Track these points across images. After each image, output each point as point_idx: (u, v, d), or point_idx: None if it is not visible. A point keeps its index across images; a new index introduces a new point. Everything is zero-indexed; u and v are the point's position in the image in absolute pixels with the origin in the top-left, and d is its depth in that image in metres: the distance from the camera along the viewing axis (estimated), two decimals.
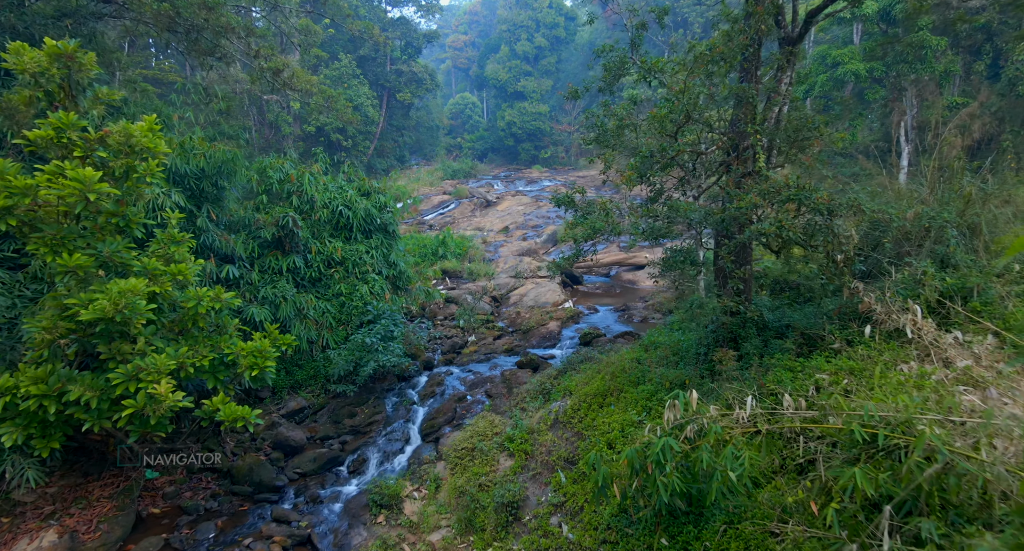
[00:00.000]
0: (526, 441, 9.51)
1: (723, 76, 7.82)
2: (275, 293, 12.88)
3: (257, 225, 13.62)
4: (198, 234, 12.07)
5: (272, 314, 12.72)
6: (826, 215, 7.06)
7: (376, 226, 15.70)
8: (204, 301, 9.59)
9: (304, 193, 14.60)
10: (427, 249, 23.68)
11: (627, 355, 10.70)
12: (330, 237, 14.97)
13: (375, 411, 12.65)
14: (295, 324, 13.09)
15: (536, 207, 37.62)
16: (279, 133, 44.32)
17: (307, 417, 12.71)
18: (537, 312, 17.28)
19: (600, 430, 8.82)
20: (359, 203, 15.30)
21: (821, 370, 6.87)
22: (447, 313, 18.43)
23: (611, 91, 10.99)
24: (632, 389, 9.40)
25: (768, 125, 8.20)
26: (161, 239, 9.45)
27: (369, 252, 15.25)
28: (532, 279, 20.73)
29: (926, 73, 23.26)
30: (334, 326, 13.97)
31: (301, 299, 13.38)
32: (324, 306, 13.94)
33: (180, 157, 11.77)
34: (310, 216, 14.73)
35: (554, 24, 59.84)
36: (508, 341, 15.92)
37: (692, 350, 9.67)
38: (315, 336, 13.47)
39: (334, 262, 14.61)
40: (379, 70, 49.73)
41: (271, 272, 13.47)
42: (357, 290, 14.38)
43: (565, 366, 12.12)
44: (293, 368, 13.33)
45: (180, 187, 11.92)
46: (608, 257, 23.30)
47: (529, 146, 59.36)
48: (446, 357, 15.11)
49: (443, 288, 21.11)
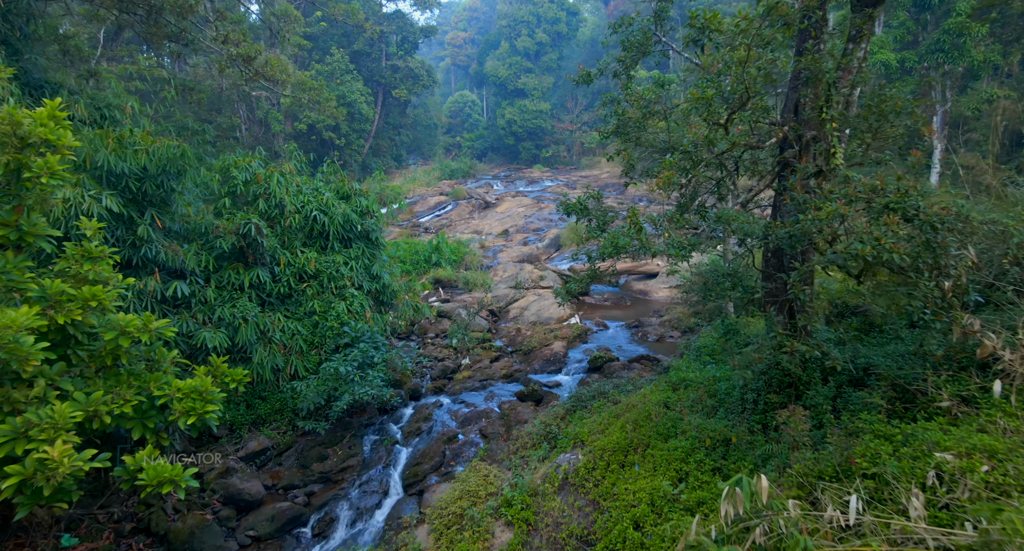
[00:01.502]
0: (528, 507, 7.60)
1: (785, 46, 5.91)
2: (234, 313, 10.98)
3: (216, 233, 11.72)
4: (139, 245, 10.18)
5: (230, 339, 10.81)
6: (939, 229, 5.15)
7: (357, 234, 13.80)
8: (129, 331, 7.70)
9: (272, 196, 12.70)
10: (419, 256, 21.77)
11: (651, 396, 8.78)
12: (303, 246, 13.07)
13: (350, 453, 10.74)
14: (257, 349, 11.18)
15: (537, 209, 35.72)
16: (269, 131, 42.49)
17: (270, 459, 10.80)
18: (539, 329, 15.37)
19: (622, 500, 6.90)
20: (337, 207, 13.40)
21: (940, 446, 4.95)
22: (439, 329, 16.53)
23: (629, 75, 9.09)
24: (661, 444, 7.49)
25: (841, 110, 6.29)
26: (71, 255, 7.55)
27: (348, 263, 13.34)
28: (534, 290, 18.83)
29: (963, 63, 21.33)
30: (305, 350, 12.06)
31: (266, 320, 11.47)
32: (294, 327, 12.04)
33: (116, 153, 9.87)
34: (279, 222, 12.83)
35: (555, 19, 57.91)
36: (507, 364, 14.01)
37: (735, 394, 7.75)
38: (282, 363, 11.56)
39: (307, 275, 12.70)
40: (374, 66, 47.86)
41: (231, 288, 11.57)
42: (333, 308, 12.47)
43: (574, 402, 10.21)
44: (255, 401, 11.43)
45: (116, 189, 10.02)
46: (616, 265, 21.36)
47: (530, 145, 57.46)
48: (436, 384, 13.21)
49: (435, 300, 19.20)
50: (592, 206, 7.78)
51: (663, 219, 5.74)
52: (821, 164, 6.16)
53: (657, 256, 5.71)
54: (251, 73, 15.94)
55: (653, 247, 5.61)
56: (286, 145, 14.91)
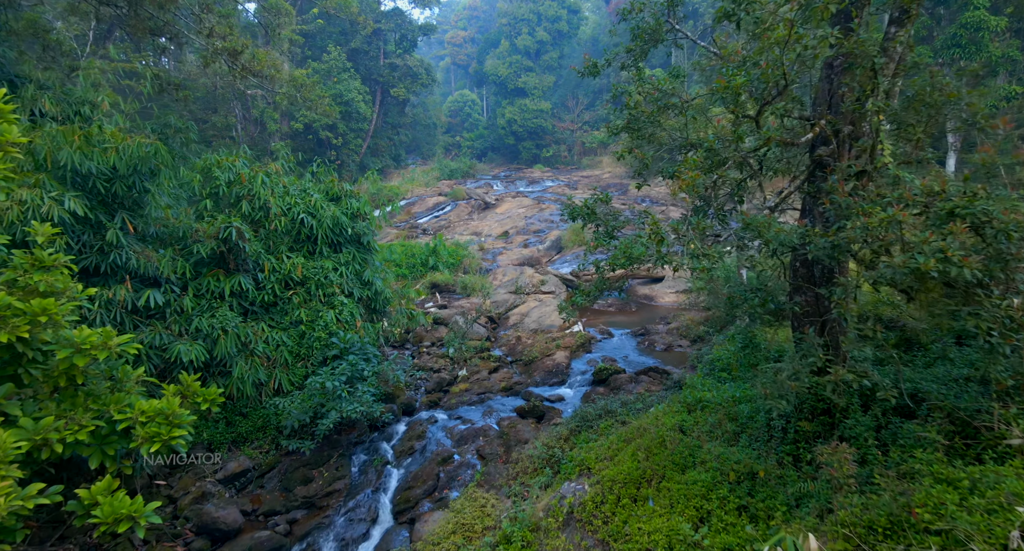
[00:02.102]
0: (528, 545, 6.81)
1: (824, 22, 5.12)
2: (212, 324, 10.19)
3: (195, 238, 10.95)
4: (107, 251, 9.40)
5: (207, 352, 10.03)
6: (1013, 239, 4.38)
7: (347, 237, 13.01)
8: (85, 348, 6.92)
9: (256, 198, 11.92)
10: (416, 259, 20.98)
11: (664, 418, 7.99)
12: (289, 251, 12.29)
13: (337, 475, 9.96)
14: (238, 363, 10.40)
15: (538, 210, 34.93)
16: (265, 130, 41.74)
17: (251, 482, 10.02)
18: (541, 338, 14.58)
19: (636, 542, 6.11)
20: (326, 210, 12.62)
21: (1021, 498, 4.16)
22: (436, 337, 15.74)
23: (639, 66, 8.32)
24: (678, 475, 6.69)
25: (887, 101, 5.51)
26: (18, 264, 6.77)
27: (337, 269, 12.56)
28: (534, 295, 18.04)
29: (980, 59, 20.54)
30: (291, 363, 11.27)
31: (248, 330, 10.69)
32: (278, 338, 11.26)
33: (82, 152, 9.10)
34: (264, 226, 12.05)
35: (556, 17, 57.12)
36: (506, 375, 13.22)
37: (760, 419, 6.96)
38: (265, 377, 10.78)
39: (293, 282, 11.92)
40: (372, 64, 47.09)
41: (210, 297, 10.79)
42: (320, 317, 11.69)
43: (578, 421, 9.42)
44: (236, 418, 10.64)
45: (82, 191, 9.24)
46: (616, 271, 20.51)
47: (530, 145, 56.69)
48: (431, 397, 12.42)
49: (432, 305, 18.41)
50: (600, 210, 7.00)
51: (686, 226, 4.94)
52: (865, 163, 5.37)
53: (678, 269, 4.93)
54: (238, 68, 15.15)
55: (674, 260, 4.82)
56: (278, 144, 14.11)
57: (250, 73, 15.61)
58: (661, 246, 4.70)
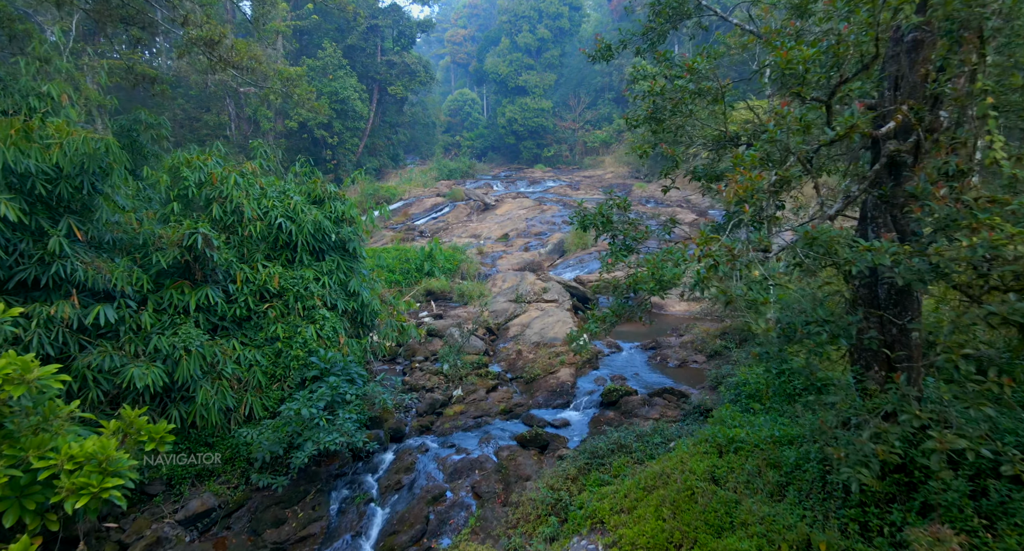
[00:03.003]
0: None
1: None
2: (175, 343, 9.00)
3: (158, 245, 9.77)
4: (49, 261, 8.22)
5: (168, 374, 8.85)
6: None
7: (330, 244, 11.83)
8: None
9: (229, 200, 10.75)
10: (411, 264, 19.78)
11: (690, 461, 6.79)
12: (265, 260, 11.11)
13: (313, 516, 8.77)
14: (203, 387, 9.21)
15: (539, 211, 33.74)
16: (258, 129, 40.58)
17: (216, 523, 8.83)
18: (543, 353, 13.39)
19: None
20: (307, 214, 11.43)
21: None
22: (430, 350, 14.56)
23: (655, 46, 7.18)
24: (713, 541, 5.49)
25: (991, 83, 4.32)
26: None
27: (319, 279, 11.38)
28: (536, 304, 16.85)
29: None
30: (265, 385, 10.09)
31: (215, 349, 9.50)
32: (251, 356, 10.08)
33: (17, 148, 7.92)
34: (237, 232, 10.87)
35: (558, 14, 55.93)
36: (505, 395, 12.04)
37: (811, 469, 5.76)
38: (235, 402, 9.60)
39: (269, 294, 10.74)
40: (368, 61, 45.93)
41: (172, 312, 9.61)
42: (299, 333, 10.51)
43: (588, 457, 8.23)
44: (200, 449, 9.45)
45: (19, 193, 8.07)
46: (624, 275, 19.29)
47: (531, 144, 55.52)
48: (422, 421, 11.23)
49: (427, 315, 17.22)
50: (617, 218, 5.83)
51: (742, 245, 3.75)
52: (965, 159, 4.19)
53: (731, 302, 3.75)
54: (216, 60, 13.97)
55: (729, 293, 3.64)
56: (256, 141, 12.94)
57: (230, 65, 14.42)
58: (714, 271, 3.52)
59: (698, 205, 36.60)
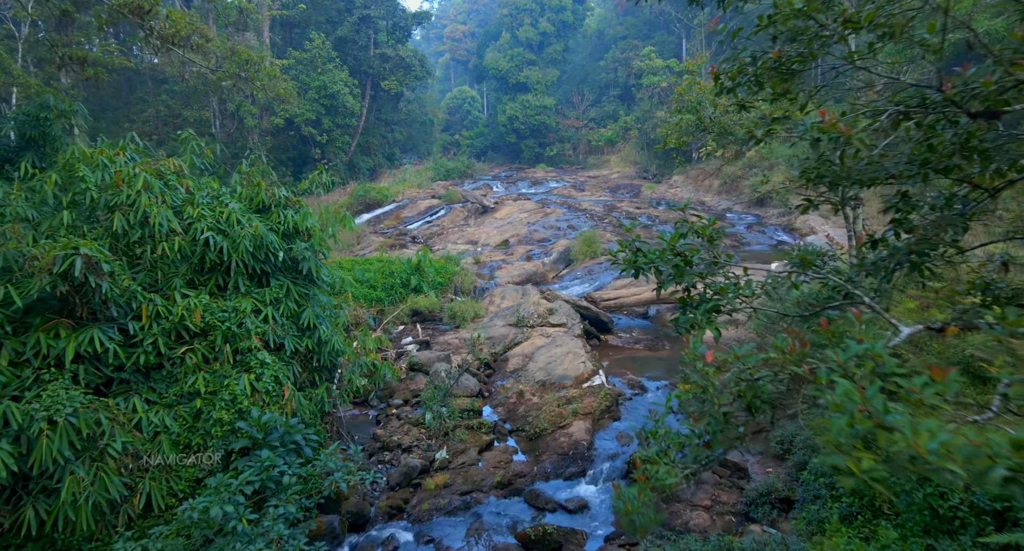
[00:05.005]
0: None
1: None
2: (32, 411, 6.34)
3: (29, 269, 7.12)
4: None
5: (19, 457, 6.19)
6: None
7: (277, 265, 9.17)
8: None
9: (135, 209, 8.09)
10: (395, 279, 17.09)
11: None
12: (187, 288, 8.44)
13: None
14: (72, 473, 6.54)
15: (542, 214, 31.06)
16: (242, 126, 37.98)
17: None
18: (550, 398, 10.70)
19: None
20: (244, 226, 8.76)
21: None
22: (411, 390, 11.89)
23: None
24: None
25: None
26: None
27: (260, 311, 8.72)
28: (540, 328, 14.18)
29: None
30: (173, 463, 7.42)
31: (99, 416, 6.82)
32: (158, 420, 7.42)
33: None
34: (146, 250, 8.21)
35: (561, 7, 53.28)
36: (503, 458, 9.36)
37: None
38: (125, 490, 6.93)
39: (189, 333, 8.08)
40: (361, 54, 43.30)
41: (40, 363, 6.95)
42: (227, 386, 7.85)
43: None
44: None
45: None
46: (640, 294, 16.59)
47: (532, 143, 52.88)
48: (394, 498, 8.54)
49: (411, 341, 14.53)
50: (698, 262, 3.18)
51: None
52: None
53: None
54: (148, 33, 11.30)
55: None
56: (185, 132, 10.27)
57: (169, 42, 11.74)
58: None
59: (713, 207, 33.85)
